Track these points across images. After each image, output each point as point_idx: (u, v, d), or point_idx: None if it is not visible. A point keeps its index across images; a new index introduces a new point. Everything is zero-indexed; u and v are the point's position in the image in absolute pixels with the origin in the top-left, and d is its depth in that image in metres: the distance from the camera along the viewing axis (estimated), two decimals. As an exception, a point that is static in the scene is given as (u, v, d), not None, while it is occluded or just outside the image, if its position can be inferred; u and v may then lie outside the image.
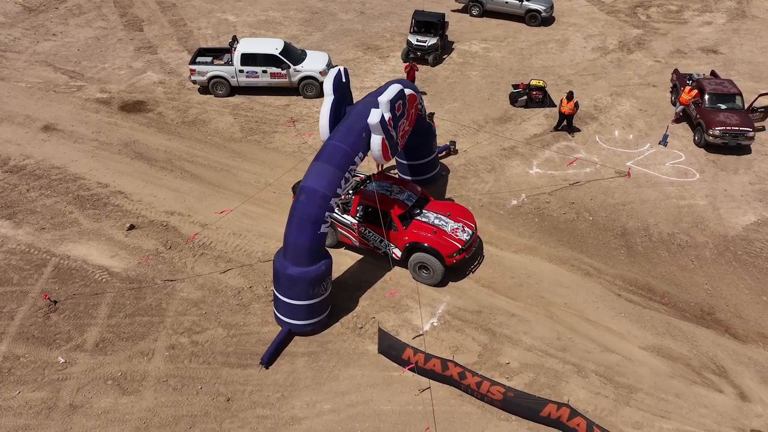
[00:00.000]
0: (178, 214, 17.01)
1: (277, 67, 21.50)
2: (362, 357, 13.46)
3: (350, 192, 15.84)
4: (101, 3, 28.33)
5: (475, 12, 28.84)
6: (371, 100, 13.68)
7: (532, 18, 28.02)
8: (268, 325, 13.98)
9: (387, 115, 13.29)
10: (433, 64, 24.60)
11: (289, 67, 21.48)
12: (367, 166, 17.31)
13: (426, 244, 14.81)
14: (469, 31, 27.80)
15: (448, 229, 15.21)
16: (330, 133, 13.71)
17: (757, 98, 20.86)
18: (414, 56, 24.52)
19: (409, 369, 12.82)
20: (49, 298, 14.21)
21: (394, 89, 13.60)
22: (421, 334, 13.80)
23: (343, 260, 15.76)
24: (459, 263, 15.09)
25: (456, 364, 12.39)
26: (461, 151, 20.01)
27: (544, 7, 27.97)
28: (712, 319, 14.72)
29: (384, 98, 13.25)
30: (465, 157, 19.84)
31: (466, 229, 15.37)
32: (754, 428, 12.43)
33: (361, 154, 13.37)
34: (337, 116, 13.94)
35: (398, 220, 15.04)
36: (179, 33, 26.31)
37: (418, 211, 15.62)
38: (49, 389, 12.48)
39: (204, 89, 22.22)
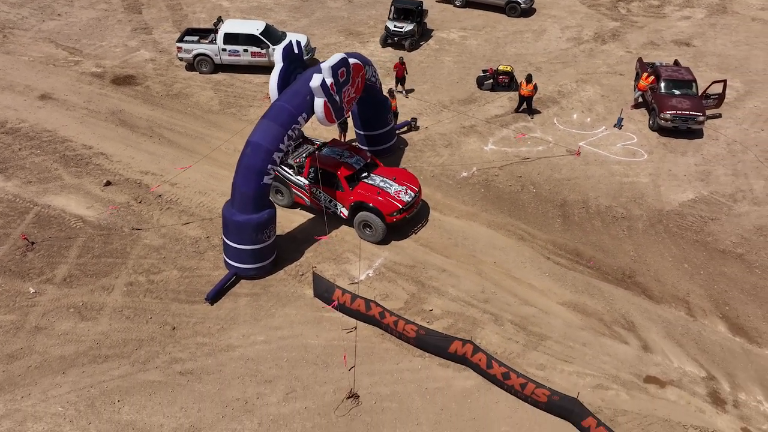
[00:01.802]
0: (151, 174, 18.59)
1: (258, 47, 23.02)
2: (299, 299, 14.85)
3: (304, 156, 17.22)
4: (105, -13, 30.27)
5: (458, 2, 30.07)
6: (317, 67, 15.07)
7: (512, 9, 29.16)
8: (219, 269, 15.45)
9: (329, 80, 14.66)
10: (410, 49, 25.90)
11: (269, 47, 22.96)
12: (329, 135, 18.70)
13: (369, 204, 16.06)
14: (450, 20, 29.04)
15: (391, 191, 16.39)
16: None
17: (710, 85, 21.76)
18: (392, 41, 25.91)
19: (334, 306, 14.18)
20: (27, 239, 15.88)
21: (336, 57, 14.97)
22: (356, 282, 15.14)
23: (294, 218, 17.20)
24: (400, 222, 16.32)
25: (377, 305, 13.72)
26: (422, 128, 21.30)
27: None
28: (631, 282, 15.81)
29: (326, 64, 14.64)
30: (425, 133, 21.12)
31: (408, 192, 16.55)
32: (650, 375, 13.53)
33: (305, 115, 14.78)
34: (286, 82, 15.36)
35: (344, 181, 16.29)
36: (175, 16, 28.02)
37: (366, 174, 16.86)
38: (18, 313, 14.10)
39: (190, 66, 23.83)
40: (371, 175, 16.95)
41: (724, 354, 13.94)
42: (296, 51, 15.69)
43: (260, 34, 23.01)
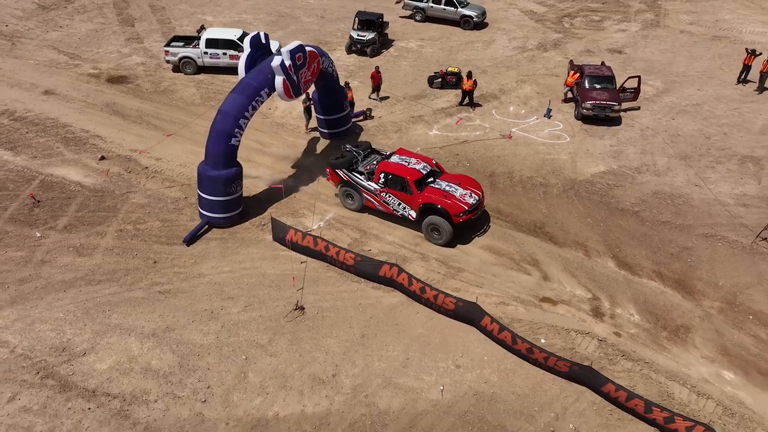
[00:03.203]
0: (138, 153, 21.69)
1: (236, 50, 26.37)
2: (260, 243, 17.84)
3: (375, 163, 19.20)
4: (102, 4, 33.84)
5: (418, 18, 33.77)
6: (279, 52, 18.34)
7: (465, 22, 32.84)
8: (195, 221, 18.43)
9: (288, 62, 17.91)
10: (371, 56, 29.36)
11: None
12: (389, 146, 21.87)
13: (437, 205, 17.52)
14: (410, 32, 32.66)
15: (457, 194, 17.82)
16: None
17: (626, 80, 25.18)
18: (355, 48, 29.40)
19: (288, 242, 17.13)
20: (33, 197, 18.87)
21: (294, 43, 18.29)
22: (308, 230, 18.14)
23: (260, 183, 20.22)
24: (465, 223, 17.73)
25: (323, 239, 16.72)
26: (376, 117, 24.57)
27: (476, 14, 32.81)
28: (541, 231, 18.84)
29: (285, 49, 17.95)
30: (378, 121, 24.39)
31: (473, 195, 18.01)
32: (545, 296, 16.48)
33: (267, 90, 18.02)
34: (252, 64, 18.55)
35: (413, 185, 17.81)
36: (164, 29, 31.49)
37: (432, 179, 18.46)
38: (27, 251, 17.02)
39: (176, 68, 27.14)
40: (437, 180, 18.50)
41: (609, 282, 16.92)
42: (263, 42, 18.97)
43: (237, 39, 26.43)
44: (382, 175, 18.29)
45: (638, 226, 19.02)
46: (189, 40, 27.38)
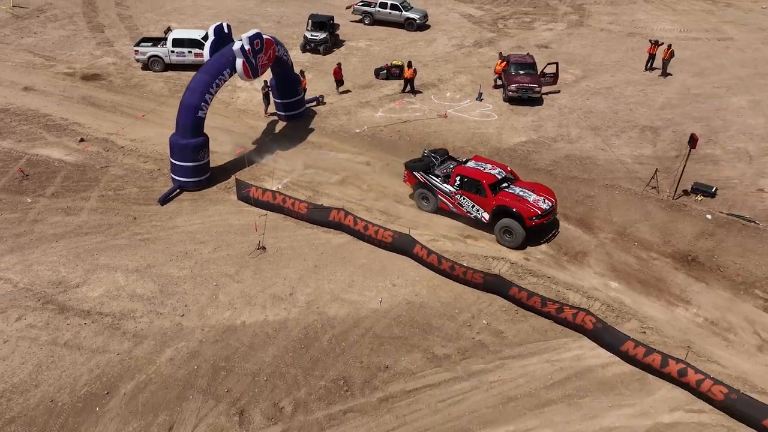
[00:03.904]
0: (115, 134, 24.28)
1: (200, 48, 29.21)
2: (226, 201, 20.63)
3: (451, 167, 20.45)
4: (72, 14, 36.39)
5: (367, 21, 37.19)
6: (239, 38, 21.32)
7: (409, 24, 36.38)
8: (168, 187, 21.10)
9: (247, 47, 20.86)
10: (324, 54, 32.54)
11: (209, 49, 29.20)
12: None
13: (510, 208, 18.40)
14: (360, 33, 36.04)
15: (530, 199, 18.63)
16: (210, 59, 21.37)
17: (546, 66, 28.86)
18: (309, 48, 32.55)
19: (249, 196, 19.94)
20: (22, 171, 21.30)
21: (253, 31, 21.31)
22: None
23: (226, 157, 23.00)
24: (537, 227, 18.55)
25: (281, 193, 19.59)
26: (328, 103, 27.67)
27: (418, 17, 36.41)
28: (469, 187, 22.05)
29: (244, 35, 20.93)
30: (330, 106, 27.49)
31: (546, 201, 18.77)
32: (470, 234, 19.54)
33: (228, 71, 20.92)
34: (216, 50, 21.44)
35: (488, 188, 18.79)
36: (132, 34, 34.14)
37: (506, 185, 19.34)
38: (20, 213, 19.46)
39: (145, 66, 29.83)
40: (511, 185, 19.40)
41: (560, 240, 20.00)
42: (226, 31, 21.90)
43: (201, 38, 29.30)
44: (458, 178, 19.32)
45: (550, 181, 22.29)
46: (156, 41, 30.14)
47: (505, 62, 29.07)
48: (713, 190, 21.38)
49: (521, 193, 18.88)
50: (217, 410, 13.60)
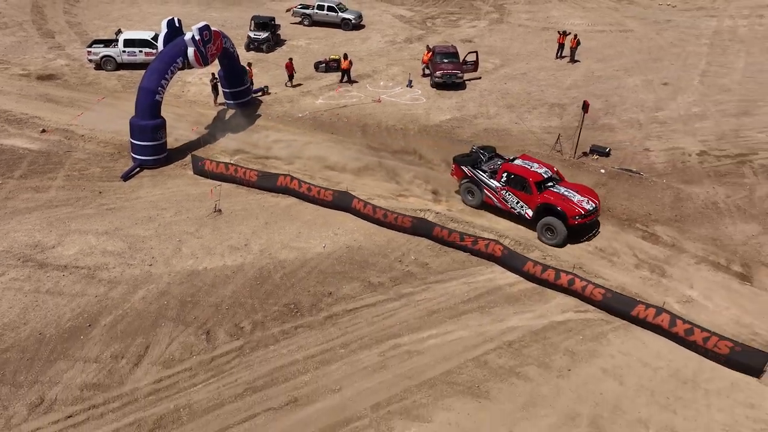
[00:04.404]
0: (75, 124, 26.26)
1: (150, 48, 31.41)
2: (184, 176, 23.01)
3: (499, 163, 21.36)
4: (22, 21, 37.94)
5: (306, 22, 40.07)
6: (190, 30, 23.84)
7: (345, 24, 39.45)
8: (129, 166, 23.31)
9: (197, 37, 23.39)
10: (267, 52, 35.21)
11: (157, 48, 31.39)
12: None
13: (554, 205, 19.08)
14: (300, 34, 38.88)
15: (574, 199, 19.28)
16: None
17: (467, 55, 32.33)
18: (253, 46, 35.14)
19: (203, 169, 22.39)
20: (-11, 158, 23.16)
21: (202, 23, 23.91)
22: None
23: (182, 141, 25.34)
24: (580, 227, 19.24)
25: (233, 164, 22.11)
26: (273, 93, 30.34)
27: (353, 17, 39.55)
28: (399, 156, 24.83)
29: (194, 27, 23.49)
30: (275, 96, 30.17)
31: (590, 202, 19.44)
32: (401, 194, 22.47)
33: (181, 58, 23.41)
34: (169, 42, 23.87)
35: (534, 186, 19.56)
36: (82, 39, 35.94)
37: (552, 184, 19.97)
38: (-9, 193, 21.39)
39: (98, 66, 31.80)
40: (556, 185, 20.03)
41: (446, 183, 23.14)
42: (177, 25, 24.33)
43: (151, 39, 31.52)
44: (504, 174, 20.10)
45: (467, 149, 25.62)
46: (108, 42, 32.17)
47: (431, 52, 32.41)
48: (607, 150, 25.06)
49: (566, 193, 19.47)
50: (186, 332, 16.02)
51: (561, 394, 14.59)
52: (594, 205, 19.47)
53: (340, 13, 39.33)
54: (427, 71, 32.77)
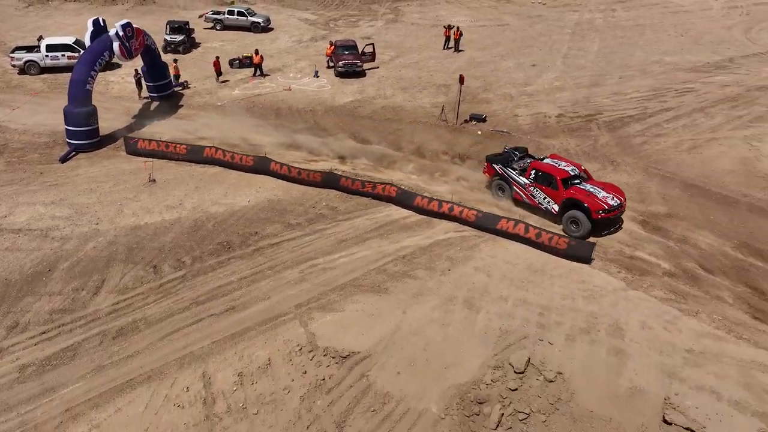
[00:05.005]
0: (8, 120, 28.45)
1: (72, 51, 33.77)
2: (118, 156, 25.90)
3: (528, 161, 22.65)
4: (-63, 34, 39.10)
5: (218, 27, 43.38)
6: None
7: (255, 27, 43.07)
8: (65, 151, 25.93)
9: (121, 33, 26.39)
10: (183, 53, 38.26)
11: (80, 51, 33.85)
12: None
13: (578, 200, 20.02)
14: (213, 37, 42.16)
15: (599, 195, 20.11)
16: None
17: (365, 47, 36.76)
18: (170, 48, 38.08)
19: (136, 147, 25.40)
20: (-71, 150, 25.11)
21: (124, 20, 26.93)
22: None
23: (115, 125, 28.10)
24: (603, 221, 20.07)
25: (163, 141, 25.24)
26: (192, 87, 33.51)
27: (262, 20, 43.25)
28: (309, 130, 28.78)
29: (117, 24, 26.49)
30: (195, 90, 33.38)
31: (615, 198, 20.21)
32: (312, 159, 26.33)
33: (107, 52, 26.31)
34: (95, 38, 26.69)
35: (560, 182, 20.61)
36: (2, 47, 37.66)
37: (578, 182, 20.91)
38: (-63, 178, 23.47)
39: (22, 71, 33.80)
40: (583, 183, 20.93)
41: (351, 150, 26.99)
42: (101, 24, 27.18)
43: (73, 43, 33.92)
44: (533, 172, 21.25)
45: (371, 123, 29.85)
46: (30, 49, 34.23)
47: (333, 46, 36.59)
48: (484, 117, 29.99)
49: (591, 190, 20.38)
50: (136, 269, 19.15)
51: (442, 285, 18.82)
52: (619, 201, 20.31)
53: (249, 17, 42.90)
54: (330, 63, 36.89)
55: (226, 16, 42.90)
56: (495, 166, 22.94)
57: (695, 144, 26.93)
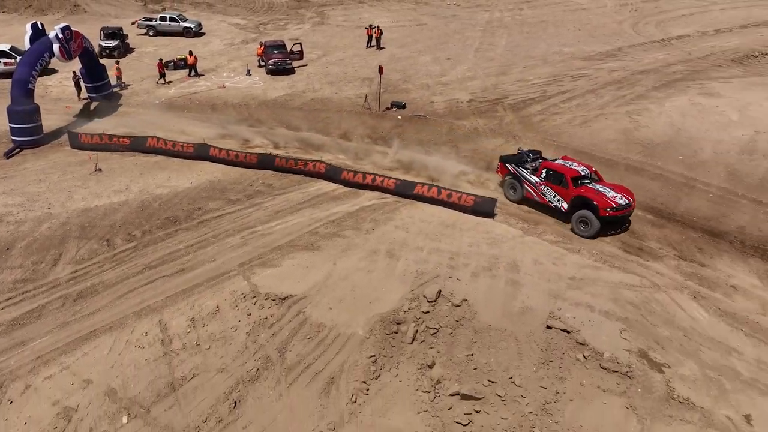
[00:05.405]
0: (-51, 123, 29.63)
1: (8, 58, 34.93)
2: (63, 151, 27.61)
3: (539, 161, 23.43)
4: None
5: (151, 33, 45.10)
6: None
7: (187, 32, 45.03)
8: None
9: (60, 35, 28.12)
10: (119, 57, 39.87)
11: (16, 58, 35.02)
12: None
13: (587, 197, 20.60)
14: (147, 42, 43.90)
15: (608, 194, 20.70)
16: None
17: (293, 46, 39.47)
18: (105, 53, 39.61)
19: (86, 146, 27.20)
20: None
21: (63, 24, 28.64)
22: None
23: (60, 124, 29.66)
24: (612, 219, 20.66)
25: (107, 134, 27.12)
26: (130, 88, 35.33)
27: (194, 25, 45.26)
28: (245, 122, 31.19)
29: (57, 27, 28.23)
30: (133, 90, 35.22)
31: (624, 198, 20.78)
32: (248, 146, 28.77)
33: (47, 54, 27.98)
34: (34, 41, 28.27)
35: (570, 181, 21.28)
36: (-68, 57, 38.24)
37: (588, 181, 21.59)
38: None
39: (-43, 77, 34.79)
40: (593, 183, 21.62)
41: (283, 137, 29.61)
42: (40, 28, 28.77)
43: (9, 50, 35.10)
44: (544, 171, 21.98)
45: (301, 113, 32.59)
46: (-34, 57, 35.28)
47: (263, 47, 39.12)
48: (403, 104, 33.21)
49: (601, 189, 20.96)
50: (90, 243, 21.15)
51: (367, 241, 21.68)
52: (628, 201, 20.90)
53: (181, 23, 44.84)
54: (261, 63, 39.37)
55: (159, 22, 44.71)
56: (508, 165, 23.74)
57: (586, 119, 30.97)
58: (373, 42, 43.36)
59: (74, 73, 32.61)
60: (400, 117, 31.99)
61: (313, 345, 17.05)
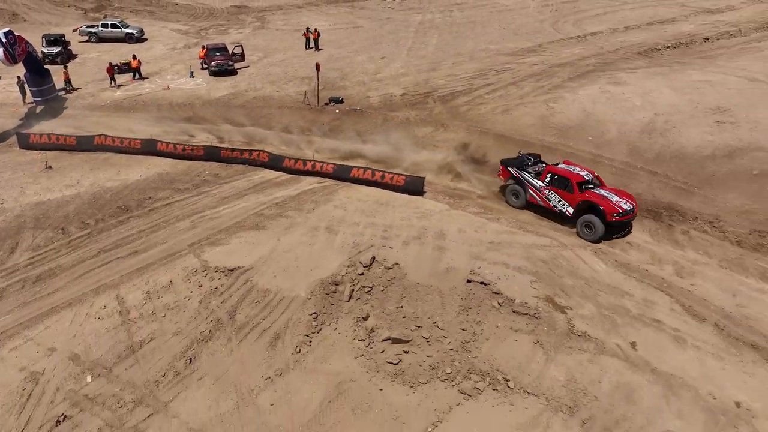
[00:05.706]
0: None
1: (-51, 65, 35.41)
2: (12, 152, 28.64)
3: (543, 165, 23.62)
4: None
5: (93, 39, 45.92)
6: (-1, 36, 29.50)
7: (130, 38, 46.06)
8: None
9: (3, 39, 29.10)
10: (62, 63, 40.62)
11: (-44, 65, 35.55)
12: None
13: (593, 201, 20.93)
14: (90, 49, 44.73)
15: (613, 199, 21.00)
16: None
17: (234, 48, 41.17)
18: (48, 60, 40.33)
19: (35, 146, 28.28)
20: None
21: (6, 28, 29.63)
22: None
23: (6, 125, 30.54)
24: (616, 224, 21.05)
25: (54, 134, 28.26)
26: (76, 92, 36.32)
27: (136, 31, 46.33)
28: (191, 120, 32.82)
29: (0, 31, 29.16)
30: (78, 93, 36.25)
31: (628, 203, 21.14)
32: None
33: (-9, 57, 29.03)
34: (-23, 49, 29.29)
35: (575, 185, 21.53)
36: None
37: (592, 186, 21.88)
38: None
39: None
40: (597, 188, 21.91)
41: (229, 132, 31.49)
42: (-2, 36, 29.76)
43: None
44: (548, 175, 22.03)
45: (244, 110, 34.26)
46: None
47: (205, 50, 40.68)
48: (341, 99, 35.42)
49: (605, 194, 21.26)
50: (45, 232, 22.47)
51: (308, 220, 23.75)
52: (631, 206, 21.17)
53: (123, 29, 45.84)
54: (204, 65, 40.90)
55: (101, 29, 45.57)
56: (510, 169, 23.73)
57: (507, 108, 33.91)
58: (312, 44, 45.47)
59: (18, 78, 33.45)
60: (338, 111, 34.17)
61: (260, 308, 18.98)
